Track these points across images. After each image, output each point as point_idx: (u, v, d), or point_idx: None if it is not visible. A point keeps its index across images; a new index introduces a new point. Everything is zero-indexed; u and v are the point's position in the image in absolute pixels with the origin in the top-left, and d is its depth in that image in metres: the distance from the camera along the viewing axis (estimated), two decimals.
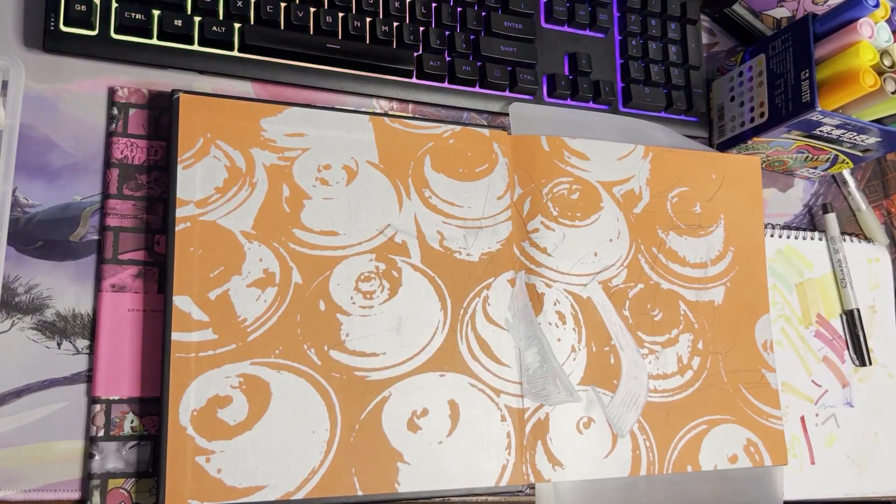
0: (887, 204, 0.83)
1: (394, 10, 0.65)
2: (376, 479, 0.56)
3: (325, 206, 0.59)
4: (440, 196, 0.63)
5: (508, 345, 0.62)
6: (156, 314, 0.55)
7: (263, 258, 0.57)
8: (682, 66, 0.75)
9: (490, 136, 0.65)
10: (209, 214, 0.56)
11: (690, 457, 0.65)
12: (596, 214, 0.67)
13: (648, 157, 0.71)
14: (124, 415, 0.54)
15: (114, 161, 0.57)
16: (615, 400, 0.64)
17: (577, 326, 0.64)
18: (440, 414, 0.58)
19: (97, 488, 0.52)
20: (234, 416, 0.54)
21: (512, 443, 0.60)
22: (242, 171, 0.57)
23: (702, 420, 0.67)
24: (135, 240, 0.56)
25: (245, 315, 0.55)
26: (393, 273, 0.60)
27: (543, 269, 0.64)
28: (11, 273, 0.54)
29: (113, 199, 0.56)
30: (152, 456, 0.54)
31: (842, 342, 0.77)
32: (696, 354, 0.68)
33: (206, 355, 0.54)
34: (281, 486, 0.53)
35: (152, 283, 0.56)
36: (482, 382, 0.60)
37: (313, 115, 0.60)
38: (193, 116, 0.57)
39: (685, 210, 0.71)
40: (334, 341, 0.57)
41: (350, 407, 0.56)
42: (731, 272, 0.71)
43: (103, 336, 0.54)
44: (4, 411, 0.52)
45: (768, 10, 0.77)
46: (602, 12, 0.72)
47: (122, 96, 0.58)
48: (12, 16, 0.57)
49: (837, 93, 0.66)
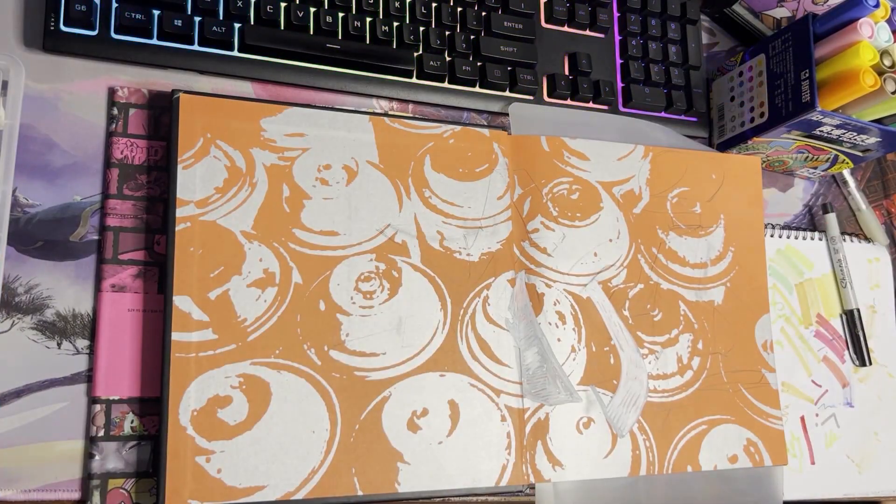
0: (887, 204, 0.83)
1: (394, 10, 0.65)
2: (376, 479, 0.56)
3: (325, 206, 0.59)
4: (440, 196, 0.63)
5: (508, 345, 0.62)
6: (156, 314, 0.55)
7: (263, 258, 0.57)
8: (682, 66, 0.75)
9: (490, 136, 0.65)
10: (209, 214, 0.56)
11: (690, 457, 0.65)
12: (596, 214, 0.67)
13: (648, 157, 0.71)
14: (124, 415, 0.54)
15: (114, 161, 0.57)
16: (615, 400, 0.64)
17: (576, 326, 0.64)
18: (440, 414, 0.58)
19: (97, 488, 0.52)
20: (235, 416, 0.54)
21: (512, 443, 0.60)
22: (242, 171, 0.57)
23: (702, 420, 0.67)
24: (135, 240, 0.56)
25: (245, 315, 0.55)
26: (393, 273, 0.60)
27: (543, 269, 0.64)
28: (11, 273, 0.54)
29: (113, 199, 0.56)
30: (152, 456, 0.54)
31: (842, 342, 0.77)
32: (696, 354, 0.68)
33: (206, 355, 0.54)
34: (281, 486, 0.53)
35: (152, 283, 0.56)
36: (482, 382, 0.60)
37: (313, 115, 0.60)
38: (193, 116, 0.57)
39: (685, 210, 0.71)
40: (334, 341, 0.57)
41: (350, 407, 0.56)
42: (731, 272, 0.71)
43: (103, 336, 0.54)
44: (4, 411, 0.52)
45: (768, 10, 0.77)
46: (602, 12, 0.72)
47: (123, 96, 0.58)
48: (12, 16, 0.57)
49: (837, 93, 0.66)
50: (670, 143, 0.73)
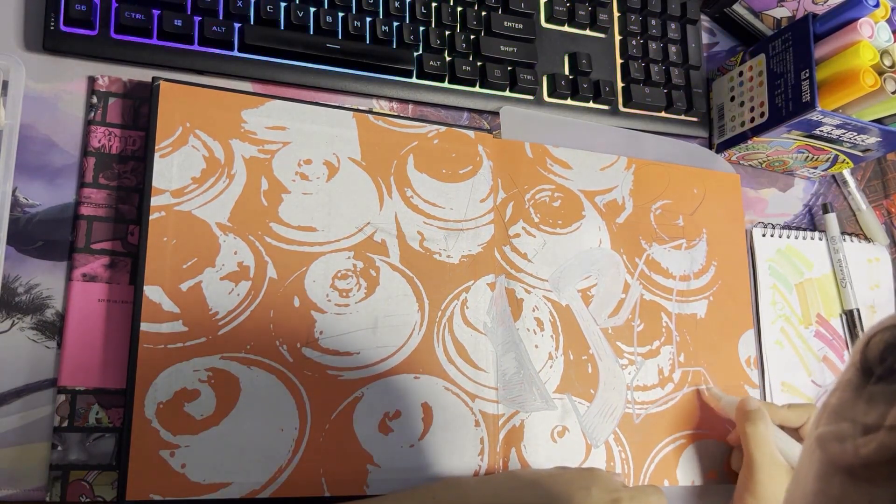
0: (887, 204, 0.83)
1: (394, 10, 0.64)
2: (345, 480, 0.55)
3: (303, 201, 0.58)
4: (422, 196, 0.62)
5: (485, 349, 0.61)
6: (126, 305, 0.54)
7: (238, 251, 0.56)
8: (682, 66, 0.75)
9: (475, 139, 0.65)
10: (185, 205, 0.55)
11: (667, 471, 0.64)
12: (577, 223, 0.67)
13: (631, 168, 0.70)
14: (90, 406, 0.53)
15: (91, 150, 0.56)
16: (591, 409, 0.63)
17: (554, 334, 0.63)
18: (413, 416, 0.57)
19: (58, 480, 0.51)
20: (201, 410, 0.52)
21: (485, 448, 0.59)
22: (221, 162, 0.57)
23: (681, 434, 0.66)
24: (108, 229, 0.55)
25: (217, 308, 0.54)
26: (371, 272, 0.59)
27: (523, 274, 0.64)
28: (11, 273, 0.53)
29: (88, 187, 0.56)
30: (116, 448, 0.52)
31: (842, 342, 0.76)
32: (677, 367, 0.67)
33: (174, 347, 0.53)
34: (246, 484, 0.52)
35: (124, 273, 0.55)
36: (457, 386, 0.59)
37: (295, 108, 0.60)
38: (173, 104, 0.56)
39: (668, 222, 0.70)
40: (307, 339, 0.56)
41: (321, 406, 0.55)
42: (714, 286, 0.71)
43: (71, 325, 0.53)
44: (4, 411, 0.52)
45: (768, 10, 0.77)
46: (602, 12, 0.72)
47: (103, 85, 0.57)
48: (12, 16, 0.57)
49: (837, 93, 0.66)
50: (663, 151, 0.72)
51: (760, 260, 0.75)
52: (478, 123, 0.68)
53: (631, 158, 0.70)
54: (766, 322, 0.73)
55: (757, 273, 0.74)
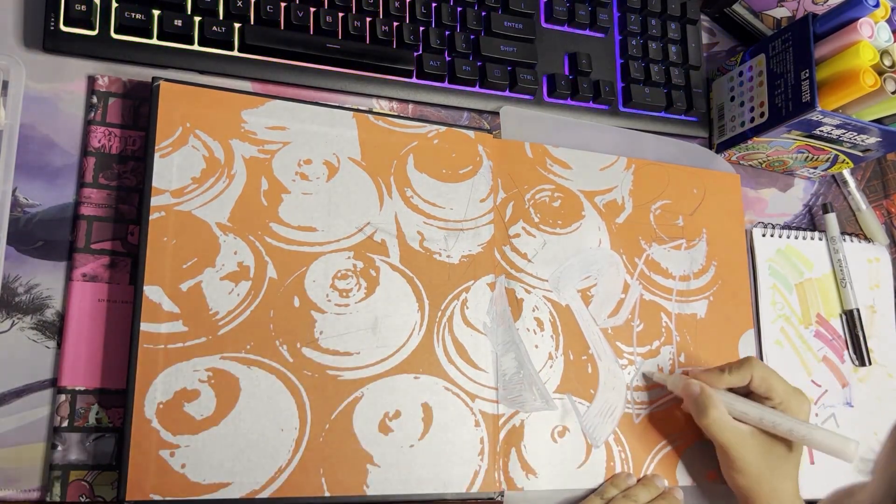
0: (887, 204, 0.83)
1: (394, 10, 0.64)
2: (345, 480, 0.55)
3: (303, 202, 0.58)
4: (422, 196, 0.62)
5: (485, 349, 0.61)
6: (126, 305, 0.54)
7: (238, 251, 0.56)
8: (682, 65, 0.75)
9: (475, 139, 0.65)
10: (185, 205, 0.55)
11: (667, 471, 0.64)
12: (577, 223, 0.67)
13: (631, 168, 0.70)
14: (90, 406, 0.53)
15: (91, 150, 0.56)
16: (591, 410, 0.63)
17: (554, 334, 0.63)
18: (413, 417, 0.57)
19: (58, 479, 0.51)
20: (201, 410, 0.52)
21: (485, 448, 0.59)
22: (221, 162, 0.57)
23: (681, 434, 0.66)
24: (108, 229, 0.55)
25: (217, 308, 0.54)
26: (371, 272, 0.59)
27: (523, 274, 0.64)
28: (11, 273, 0.53)
29: (88, 187, 0.56)
30: (116, 448, 0.52)
31: (841, 342, 0.76)
32: (677, 367, 0.67)
33: (174, 347, 0.53)
34: (246, 484, 0.52)
35: (124, 273, 0.55)
36: (457, 386, 0.59)
37: (296, 108, 0.60)
38: (173, 104, 0.56)
39: (668, 223, 0.70)
40: (307, 339, 0.56)
41: (321, 406, 0.55)
42: (714, 286, 0.71)
43: (71, 325, 0.53)
44: (4, 411, 0.52)
45: (768, 10, 0.77)
46: (602, 12, 0.72)
47: (103, 85, 0.57)
48: (12, 16, 0.57)
49: (837, 93, 0.66)
50: (663, 152, 0.72)
51: (760, 260, 0.75)
52: (478, 123, 0.68)
53: (631, 158, 0.70)
54: (765, 322, 0.73)
55: (757, 273, 0.74)
